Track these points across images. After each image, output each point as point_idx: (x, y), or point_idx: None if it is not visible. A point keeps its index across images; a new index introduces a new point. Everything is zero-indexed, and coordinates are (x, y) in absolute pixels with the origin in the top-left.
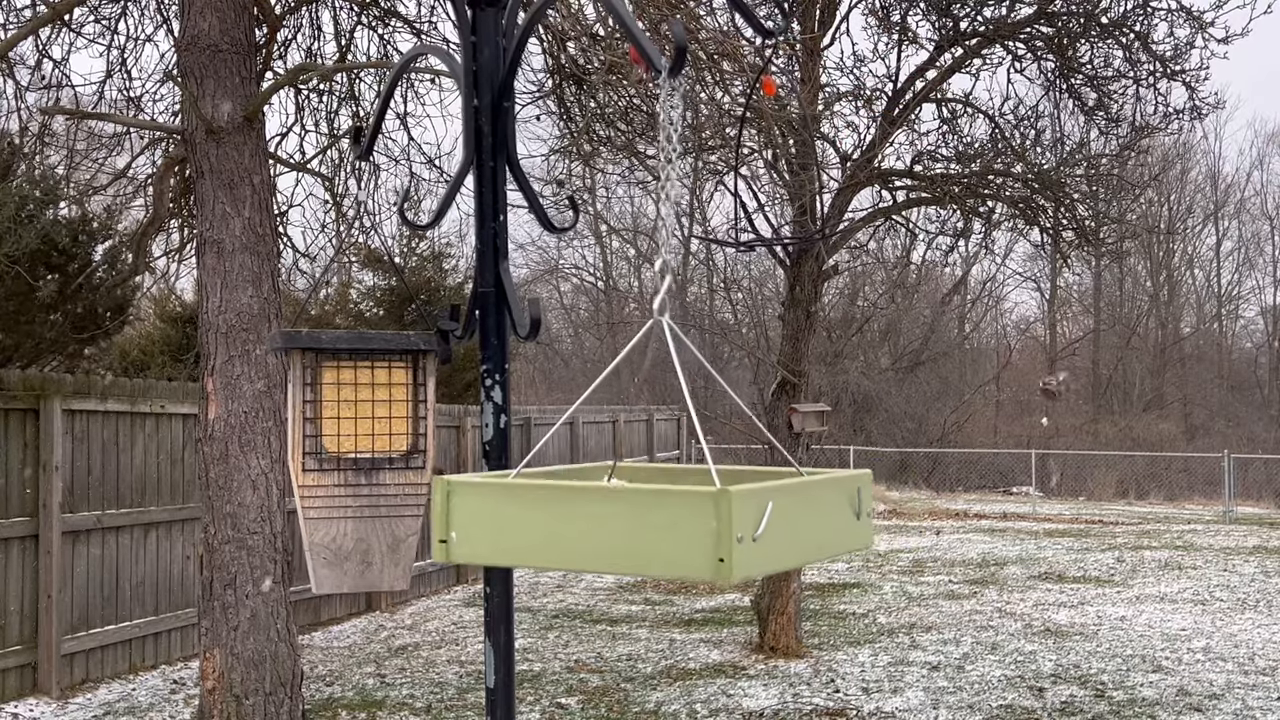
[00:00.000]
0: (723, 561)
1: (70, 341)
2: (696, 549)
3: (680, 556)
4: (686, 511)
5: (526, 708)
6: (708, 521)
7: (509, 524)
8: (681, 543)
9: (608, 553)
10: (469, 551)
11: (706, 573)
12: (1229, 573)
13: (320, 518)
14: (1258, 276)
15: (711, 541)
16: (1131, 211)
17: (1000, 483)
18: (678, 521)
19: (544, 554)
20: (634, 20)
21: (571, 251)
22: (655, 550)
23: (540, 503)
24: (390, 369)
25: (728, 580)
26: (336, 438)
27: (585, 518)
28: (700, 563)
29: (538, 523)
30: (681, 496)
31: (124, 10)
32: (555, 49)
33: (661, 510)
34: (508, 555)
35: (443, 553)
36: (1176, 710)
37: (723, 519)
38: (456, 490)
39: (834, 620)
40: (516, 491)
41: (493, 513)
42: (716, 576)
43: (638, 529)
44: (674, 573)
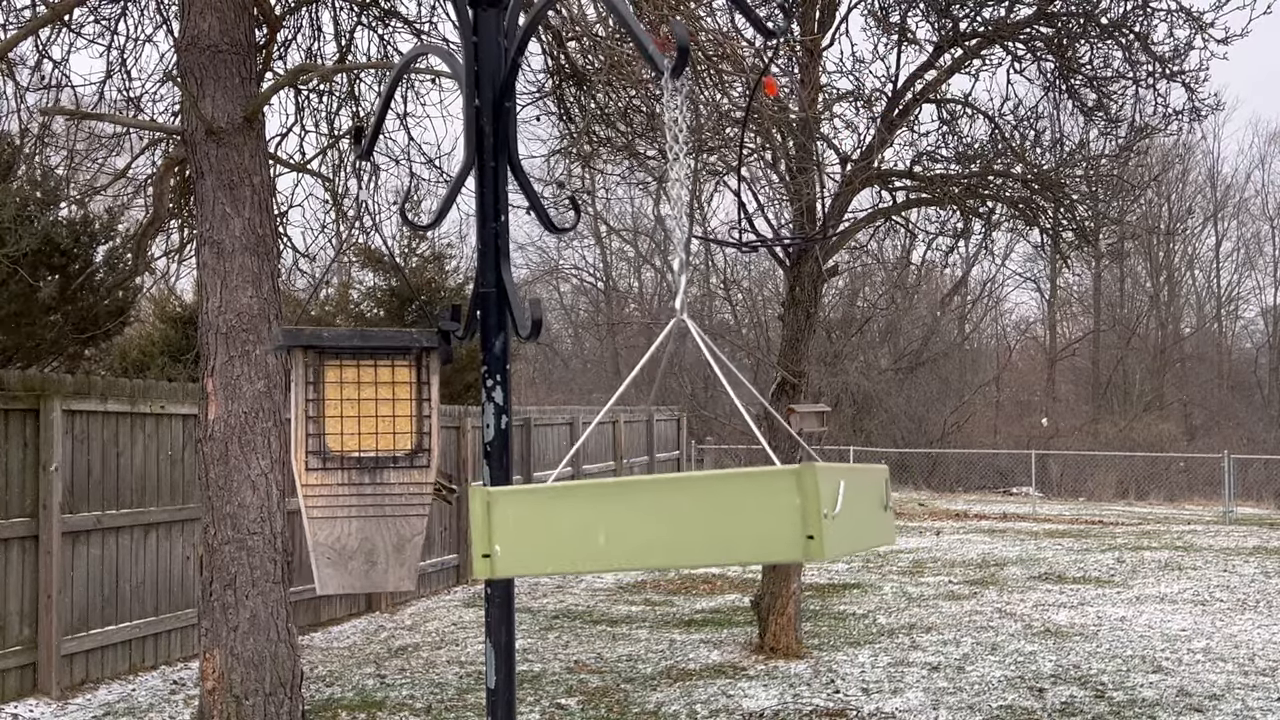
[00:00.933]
0: (812, 539)
1: (70, 342)
2: (783, 528)
3: (765, 538)
4: (768, 491)
5: (526, 708)
6: (791, 499)
7: (562, 529)
8: (766, 524)
9: (683, 545)
10: (517, 563)
11: (796, 552)
12: (1229, 573)
13: (324, 517)
14: (1258, 277)
15: (798, 519)
16: (1131, 212)
17: (1000, 483)
18: (759, 503)
19: (606, 556)
20: (635, 20)
21: (571, 252)
22: (736, 535)
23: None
24: (393, 367)
25: (819, 558)
26: (340, 436)
27: (655, 511)
28: (788, 542)
29: (597, 523)
30: (763, 476)
31: (124, 10)
32: (555, 49)
33: (740, 493)
34: (563, 562)
35: (486, 568)
36: (1176, 711)
37: (808, 495)
38: (498, 500)
39: (834, 621)
40: (568, 494)
41: (543, 520)
42: (807, 555)
43: (715, 516)
44: (760, 557)
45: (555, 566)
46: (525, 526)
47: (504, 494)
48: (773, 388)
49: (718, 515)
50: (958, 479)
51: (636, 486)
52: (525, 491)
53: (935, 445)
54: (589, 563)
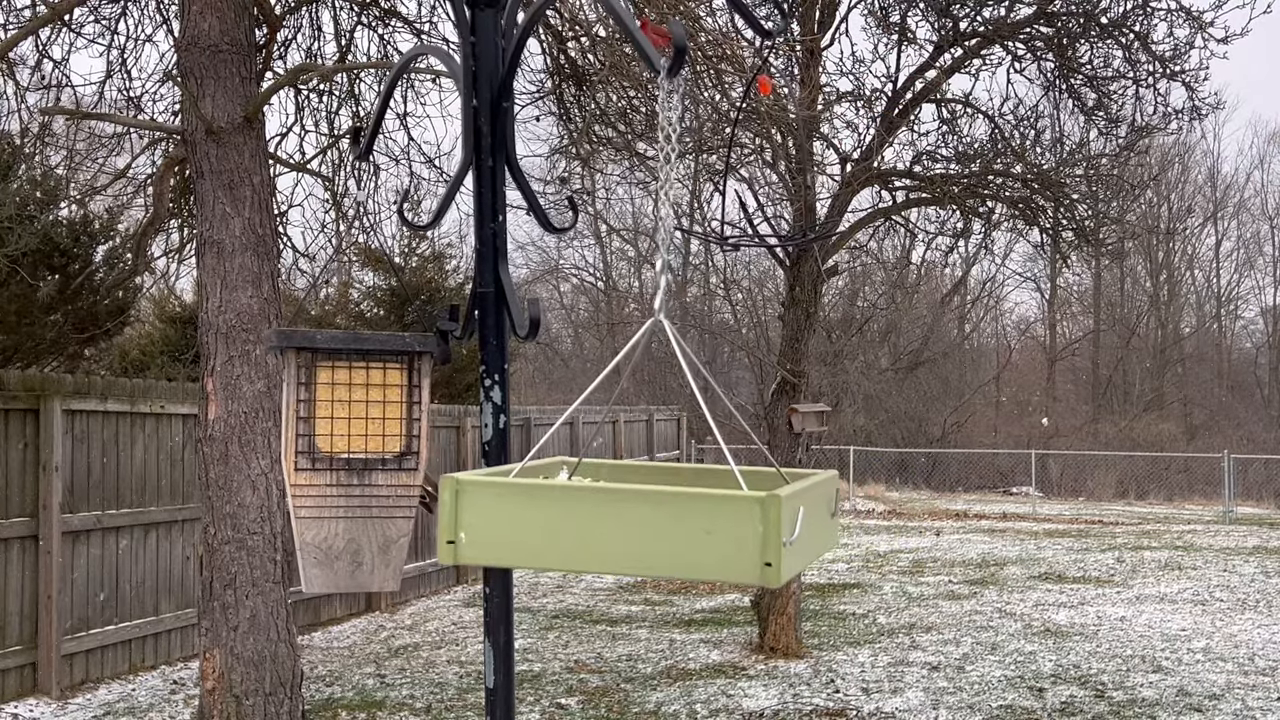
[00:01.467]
0: (770, 565)
1: (70, 342)
2: (743, 553)
3: (725, 561)
4: (733, 516)
5: (526, 708)
6: (754, 526)
7: (528, 526)
8: (727, 547)
9: (644, 556)
10: (479, 553)
11: (753, 577)
12: (1229, 573)
13: (312, 517)
14: (1257, 277)
15: (758, 546)
16: (1131, 212)
17: (1000, 483)
18: (723, 526)
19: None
20: (633, 20)
21: (571, 252)
22: (698, 554)
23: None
24: (385, 370)
25: (774, 584)
26: (330, 437)
27: (621, 521)
28: (746, 567)
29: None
30: (727, 501)
31: (124, 10)
32: (555, 49)
33: (706, 515)
34: (526, 557)
35: (450, 554)
36: (1176, 710)
37: (770, 524)
38: (466, 489)
39: (834, 620)
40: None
41: (510, 514)
42: (763, 580)
43: (680, 533)
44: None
45: (516, 560)
46: (492, 518)
47: (473, 484)
48: (773, 388)
49: (682, 532)
50: (958, 479)
51: (606, 494)
52: (495, 485)
53: (935, 445)
54: (550, 561)
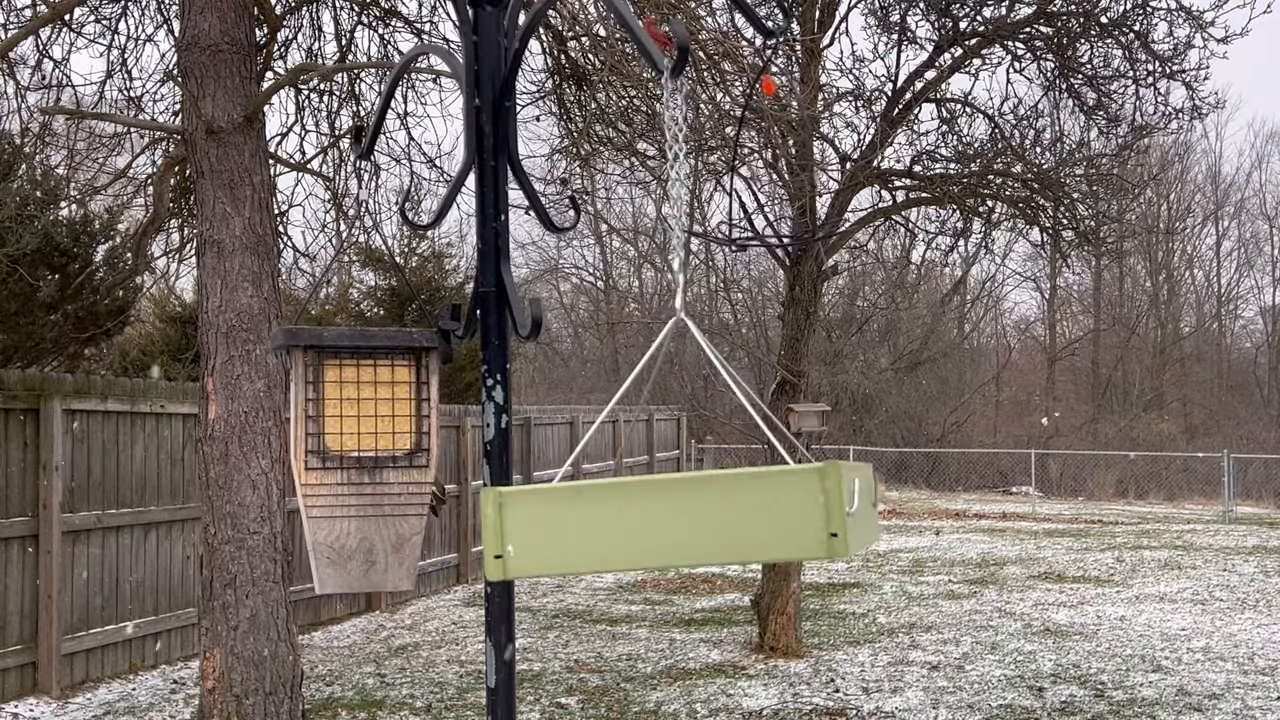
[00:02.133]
0: (835, 536)
1: (70, 342)
2: (806, 527)
3: (789, 537)
4: (793, 490)
5: (526, 707)
6: (816, 497)
7: (578, 529)
8: (790, 523)
9: (704, 544)
10: (529, 564)
11: (821, 549)
12: (1229, 573)
13: (323, 517)
14: (1257, 276)
15: (823, 517)
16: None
17: (1000, 483)
18: (783, 501)
19: (625, 554)
20: (635, 19)
21: (572, 251)
22: (758, 534)
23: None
24: (393, 367)
25: (843, 556)
26: (339, 436)
27: (674, 510)
28: (811, 540)
29: (613, 523)
30: (786, 475)
31: (124, 10)
32: (556, 49)
33: (765, 491)
34: (579, 562)
35: (499, 569)
36: (1176, 710)
37: (832, 494)
38: (509, 500)
39: (834, 620)
40: (584, 494)
41: (557, 520)
42: (831, 553)
43: (737, 515)
44: (782, 555)
45: (571, 567)
46: (539, 527)
47: (516, 494)
48: (773, 387)
49: (741, 514)
50: (958, 478)
51: (656, 486)
52: (538, 491)
53: (935, 445)
54: (606, 562)
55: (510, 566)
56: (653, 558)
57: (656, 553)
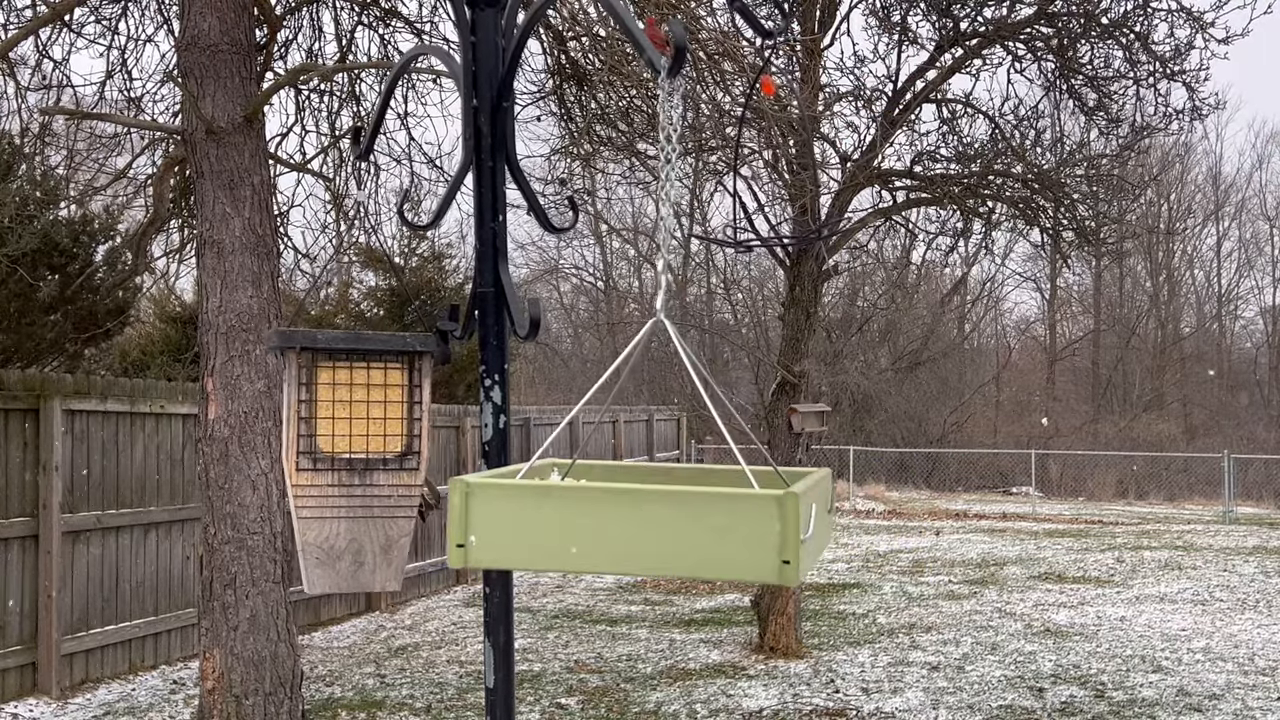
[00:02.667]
0: (788, 564)
1: (70, 342)
2: (760, 552)
3: (742, 560)
4: (750, 514)
5: (526, 708)
6: (772, 524)
7: (540, 527)
8: (744, 546)
9: (659, 555)
10: (491, 555)
11: (772, 575)
12: (1229, 573)
13: (313, 517)
14: (1257, 277)
15: (776, 544)
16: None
17: (1000, 483)
18: (741, 524)
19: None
20: (633, 20)
21: (571, 251)
22: (714, 553)
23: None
24: (386, 370)
25: (792, 583)
26: (331, 438)
27: (636, 520)
28: (764, 565)
29: (579, 526)
30: (745, 499)
31: (124, 10)
32: (556, 49)
33: (723, 513)
34: (538, 559)
35: (460, 557)
36: (1176, 710)
37: (788, 521)
38: (477, 491)
39: (834, 620)
40: (550, 494)
41: (520, 516)
42: (781, 579)
43: (697, 532)
44: (734, 575)
45: (530, 563)
46: (502, 520)
47: (483, 486)
48: (773, 387)
49: (699, 530)
50: (958, 479)
51: (622, 495)
52: (505, 486)
53: (935, 445)
54: (565, 562)
55: (471, 555)
56: (614, 564)
57: (618, 560)
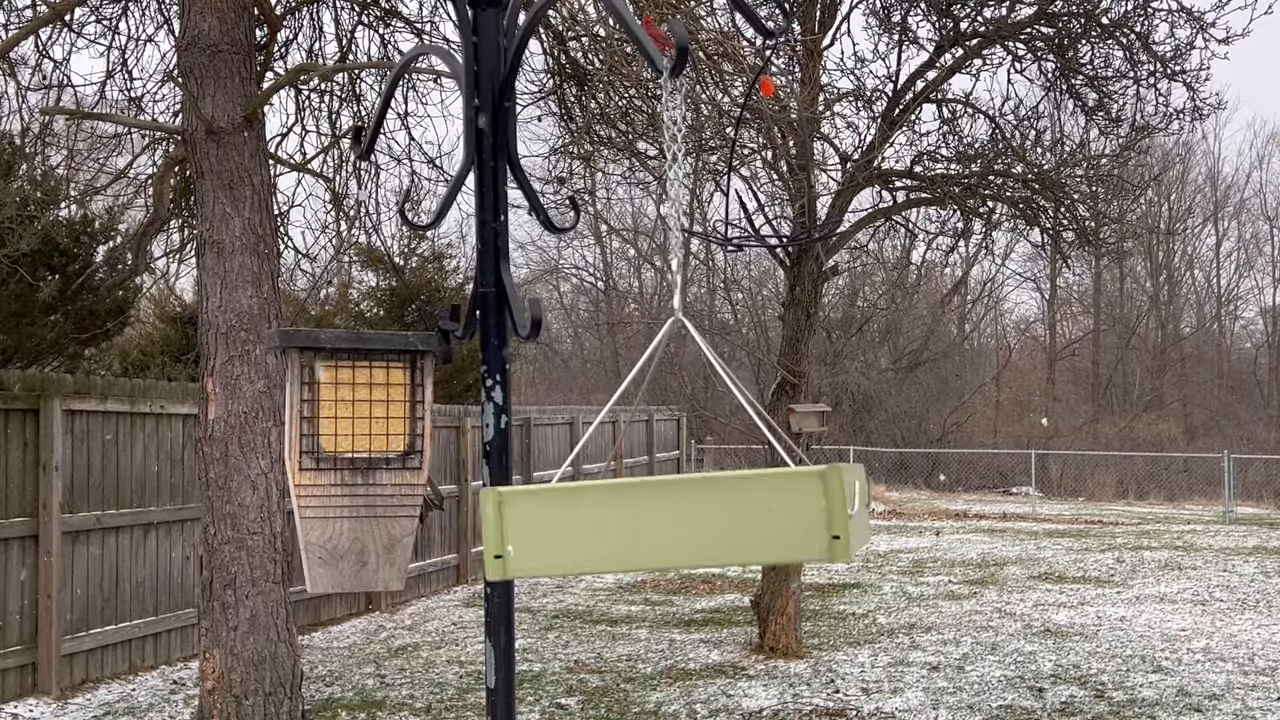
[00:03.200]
0: (838, 539)
1: (70, 342)
2: (808, 529)
3: (791, 539)
4: (795, 492)
5: (526, 708)
6: (818, 500)
7: (579, 529)
8: (791, 525)
9: (705, 545)
10: (530, 564)
11: (822, 552)
12: (1229, 573)
13: (316, 517)
14: (1257, 277)
15: (824, 520)
16: (1131, 212)
17: (1000, 483)
18: (785, 503)
19: (627, 556)
20: (634, 19)
21: (571, 251)
22: (761, 535)
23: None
24: (388, 369)
25: (844, 559)
26: (334, 437)
27: (675, 512)
28: (813, 543)
29: (615, 524)
30: (787, 477)
31: (125, 10)
32: (556, 49)
33: (765, 494)
34: (579, 563)
35: (499, 569)
36: (1176, 710)
37: (833, 496)
38: (510, 500)
39: (834, 620)
40: (585, 494)
41: (558, 520)
42: (832, 555)
43: (738, 516)
44: (783, 557)
45: (571, 567)
46: (540, 527)
47: (516, 494)
48: (773, 387)
49: (742, 516)
50: (958, 479)
51: (658, 487)
52: (539, 491)
53: (935, 445)
54: (607, 563)
55: (510, 567)
56: (654, 559)
57: (658, 555)
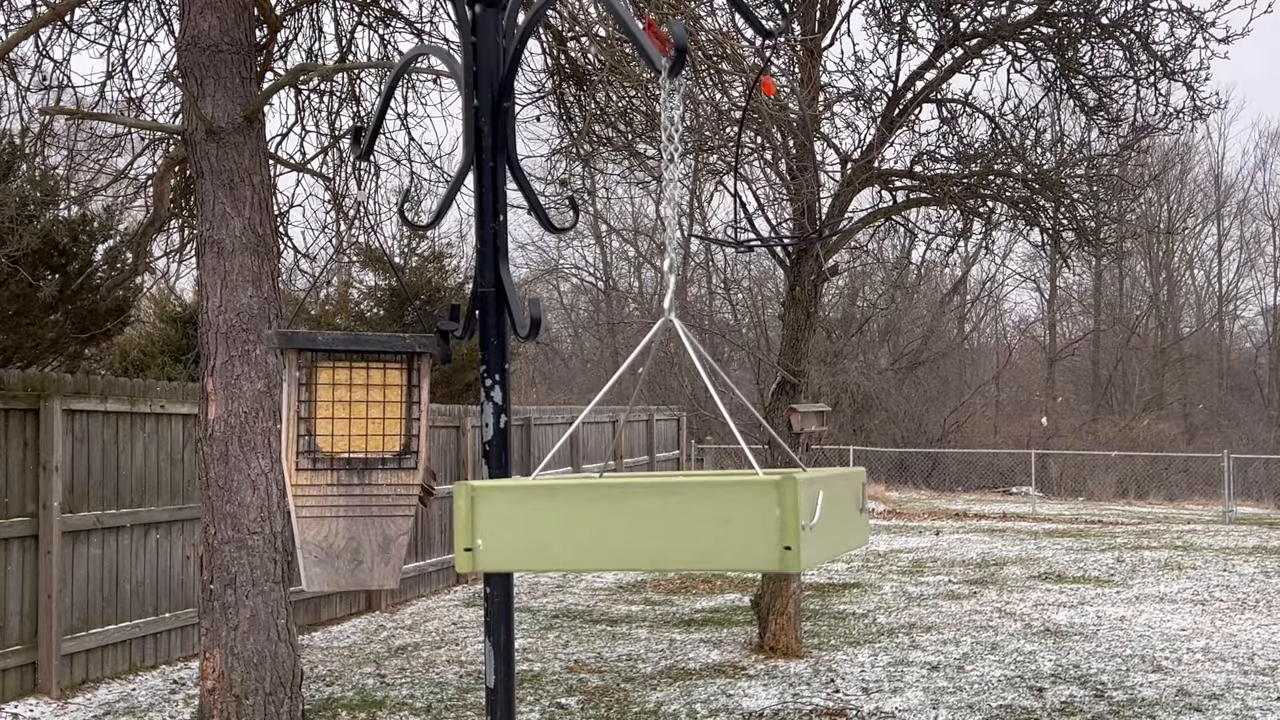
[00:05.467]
0: (789, 549)
1: (71, 342)
2: (762, 538)
3: (744, 547)
4: (750, 501)
5: (526, 708)
6: (771, 510)
7: (545, 527)
8: (745, 533)
9: (664, 549)
10: (498, 558)
11: (774, 562)
12: (1229, 573)
13: (313, 516)
14: (1257, 276)
15: (777, 530)
16: (1131, 211)
17: (1000, 483)
18: (740, 512)
19: (589, 555)
20: (634, 20)
21: (571, 251)
22: (716, 543)
23: (585, 502)
24: (385, 370)
25: (795, 569)
26: (330, 437)
27: (637, 514)
28: (766, 552)
29: (580, 523)
30: (744, 486)
31: (124, 11)
32: (556, 49)
33: (722, 502)
34: (543, 559)
35: (468, 561)
36: (1176, 710)
37: (787, 507)
38: (482, 495)
39: (834, 620)
40: (552, 492)
41: (525, 517)
42: (783, 566)
43: (697, 522)
44: (737, 564)
45: (536, 563)
46: (508, 522)
47: (487, 489)
48: (773, 387)
49: (699, 522)
50: (957, 479)
51: (620, 489)
52: (509, 487)
53: (935, 445)
54: (570, 561)
55: (480, 560)
56: (618, 560)
57: (620, 555)
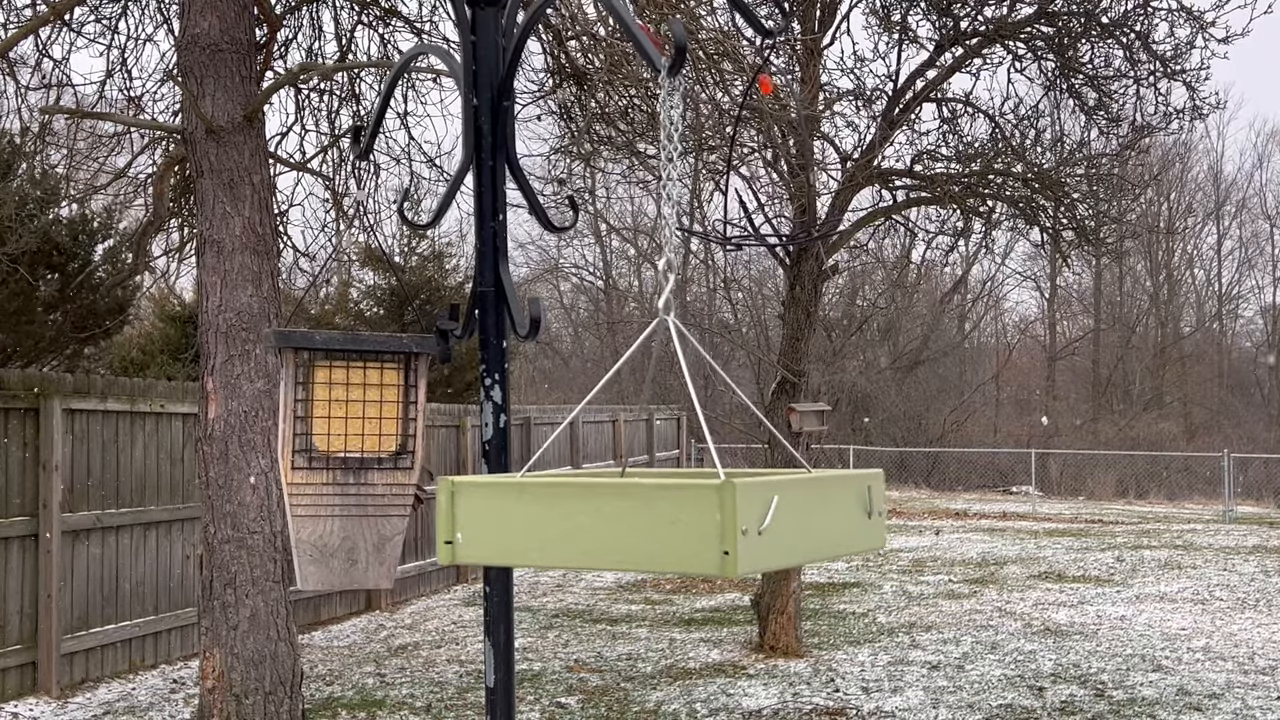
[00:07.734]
0: (727, 555)
1: (70, 341)
2: (702, 542)
3: (686, 551)
4: (691, 504)
5: (526, 707)
6: (712, 514)
7: (518, 523)
8: (688, 536)
9: (618, 550)
10: (476, 552)
11: (712, 567)
12: (1229, 572)
13: (308, 515)
14: (1258, 276)
15: (716, 534)
16: (1131, 211)
17: (1000, 482)
18: (683, 515)
19: (553, 553)
20: (634, 19)
21: (571, 251)
22: (663, 545)
23: (551, 500)
24: (382, 370)
25: (732, 574)
26: (326, 437)
27: (597, 514)
28: (706, 556)
29: (548, 521)
30: (686, 489)
31: (124, 10)
32: (555, 48)
33: (668, 504)
34: (517, 555)
35: (448, 554)
36: (1176, 710)
37: (726, 511)
38: (462, 490)
39: (834, 620)
40: (527, 490)
41: (501, 512)
42: (721, 571)
43: (647, 524)
44: (680, 567)
45: (512, 558)
46: (486, 518)
47: (467, 485)
48: (773, 387)
49: (652, 523)
50: (957, 478)
51: (585, 489)
52: (487, 484)
53: (935, 444)
54: (540, 558)
55: (459, 553)
56: (583, 559)
57: (583, 554)
